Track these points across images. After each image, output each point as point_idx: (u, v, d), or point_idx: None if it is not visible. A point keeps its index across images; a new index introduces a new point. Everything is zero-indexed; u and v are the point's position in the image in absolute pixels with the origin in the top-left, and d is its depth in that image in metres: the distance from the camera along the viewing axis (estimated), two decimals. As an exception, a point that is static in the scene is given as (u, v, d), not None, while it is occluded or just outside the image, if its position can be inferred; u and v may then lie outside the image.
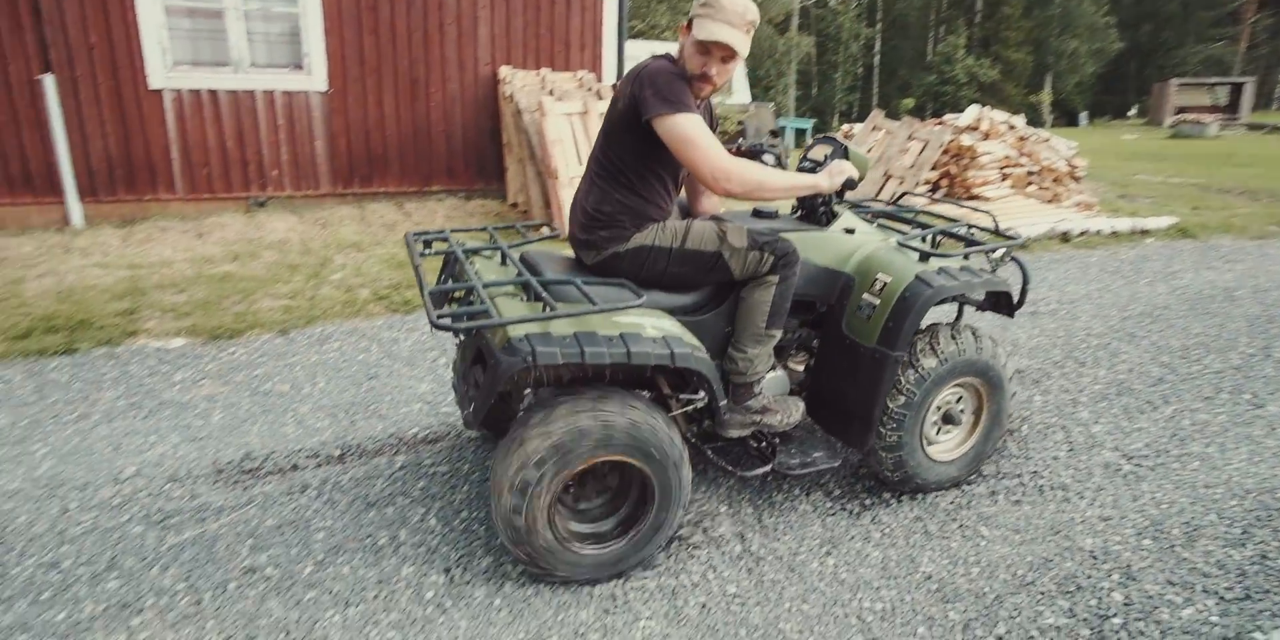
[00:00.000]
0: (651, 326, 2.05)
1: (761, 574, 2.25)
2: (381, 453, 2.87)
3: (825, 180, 2.27)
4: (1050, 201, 8.28)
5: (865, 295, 2.39)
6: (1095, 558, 2.34)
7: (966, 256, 2.57)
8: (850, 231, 2.54)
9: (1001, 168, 8.39)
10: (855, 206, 3.02)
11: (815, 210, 2.55)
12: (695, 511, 2.53)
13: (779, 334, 2.32)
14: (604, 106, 6.58)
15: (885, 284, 2.35)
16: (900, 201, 3.21)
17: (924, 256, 2.42)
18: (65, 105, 5.86)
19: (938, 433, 2.66)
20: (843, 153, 2.46)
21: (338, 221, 6.39)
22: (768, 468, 2.46)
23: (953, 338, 2.49)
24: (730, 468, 2.41)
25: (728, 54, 2.08)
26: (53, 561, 2.20)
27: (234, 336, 4.00)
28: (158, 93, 6.15)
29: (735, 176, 2.05)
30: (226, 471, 2.71)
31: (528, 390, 2.40)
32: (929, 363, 2.43)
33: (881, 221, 2.90)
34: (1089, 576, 2.25)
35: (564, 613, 2.05)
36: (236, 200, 6.60)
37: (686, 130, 2.00)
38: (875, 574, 2.26)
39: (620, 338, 1.96)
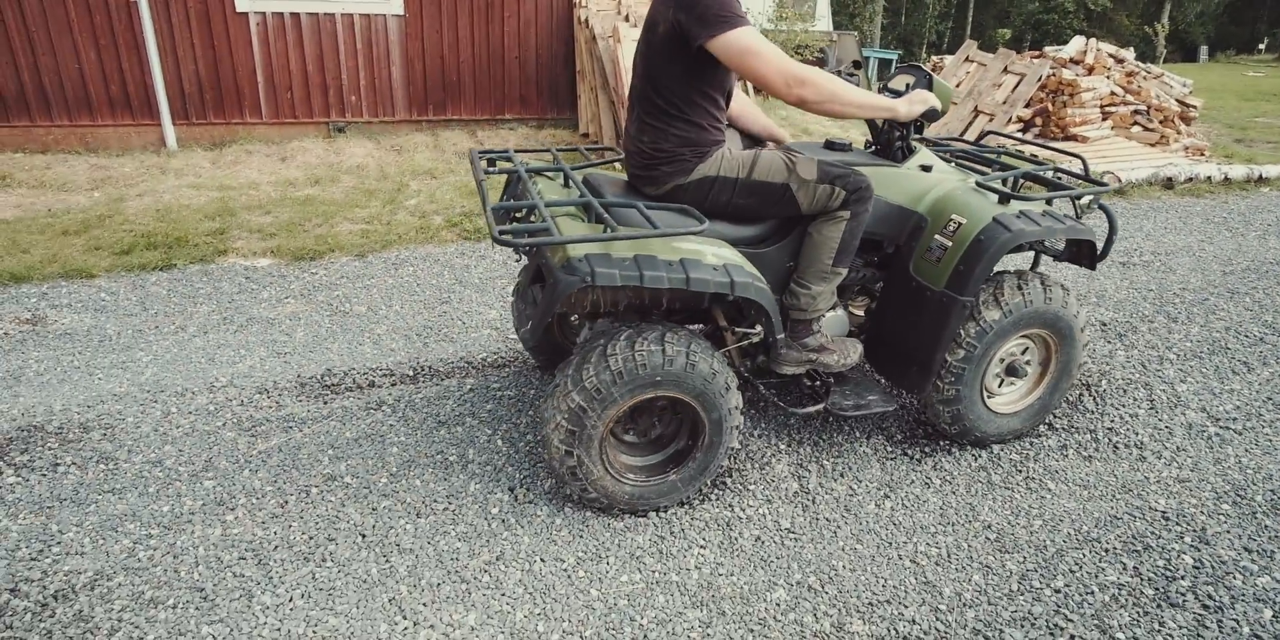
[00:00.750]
0: (713, 254, 2.02)
1: (817, 512, 2.28)
2: (452, 375, 2.98)
3: (904, 106, 2.14)
4: (1156, 144, 7.70)
5: (937, 236, 2.29)
6: (1167, 519, 2.28)
7: (1049, 201, 2.43)
8: (926, 169, 2.42)
9: (1104, 106, 7.81)
10: (935, 144, 2.87)
11: (891, 144, 2.43)
12: (754, 448, 2.56)
13: (845, 272, 2.26)
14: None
15: (960, 225, 2.25)
16: (984, 141, 3.03)
17: (1004, 199, 2.30)
18: (158, 28, 6.01)
19: (1000, 385, 2.58)
20: (926, 83, 2.32)
21: (413, 148, 6.47)
22: (820, 407, 2.45)
23: (1019, 288, 2.38)
24: (782, 404, 2.41)
25: None
26: (157, 459, 2.40)
27: (315, 258, 4.15)
28: (244, 15, 6.22)
29: (810, 82, 1.93)
30: (309, 385, 2.87)
31: (586, 325, 2.41)
32: (992, 314, 2.33)
33: (961, 161, 2.75)
34: (1159, 537, 2.20)
35: (622, 536, 2.13)
36: (317, 125, 6.72)
37: (748, 43, 1.89)
38: (933, 519, 2.26)
39: (680, 263, 1.94)
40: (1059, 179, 2.54)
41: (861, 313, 2.57)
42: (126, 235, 4.24)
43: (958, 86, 7.86)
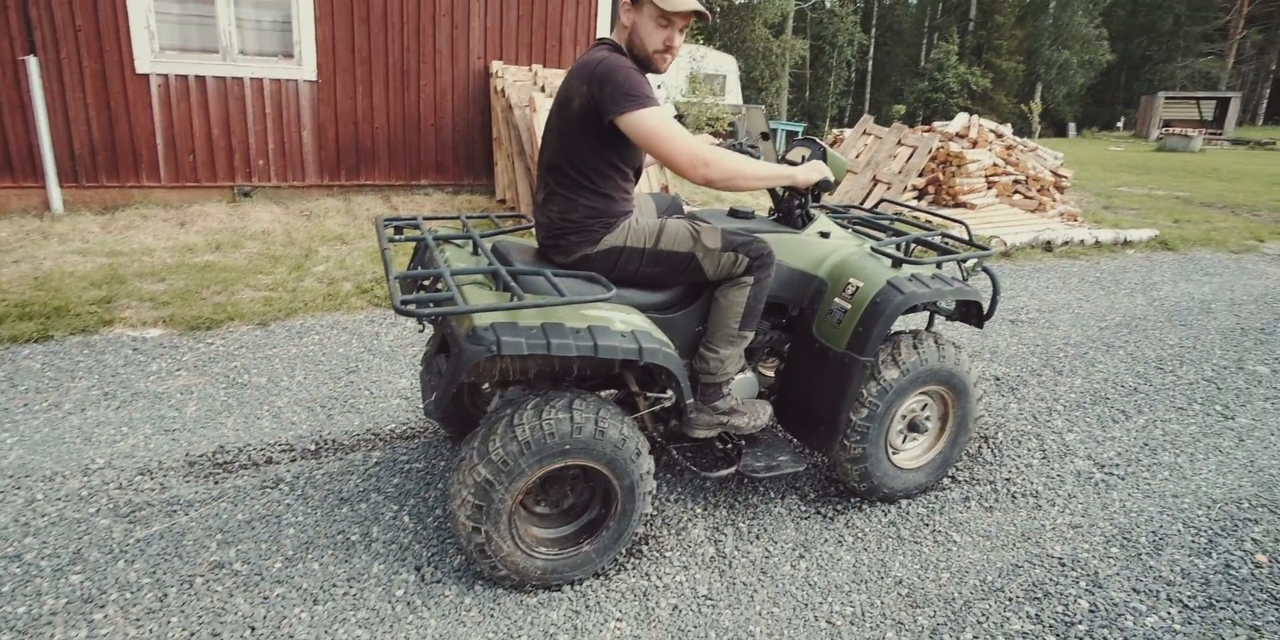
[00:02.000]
0: (620, 321, 2.04)
1: (734, 576, 2.25)
2: (357, 448, 2.86)
3: (801, 173, 2.28)
4: (1035, 211, 8.36)
5: (837, 299, 2.40)
6: (1064, 564, 2.37)
7: (939, 265, 2.59)
8: (825, 235, 2.55)
9: (988, 176, 8.45)
10: (833, 211, 3.04)
11: (791, 212, 2.56)
12: (670, 514, 2.54)
13: (751, 335, 2.32)
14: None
15: (857, 289, 2.36)
16: (879, 208, 3.23)
17: (896, 263, 2.43)
18: (49, 88, 5.78)
19: (903, 441, 2.67)
20: (821, 154, 2.48)
21: (323, 213, 6.35)
22: (732, 470, 2.47)
23: (914, 347, 2.50)
24: (695, 468, 2.42)
25: (688, 20, 2.07)
26: (15, 554, 2.17)
27: (213, 327, 3.96)
28: (144, 77, 6.07)
29: (714, 163, 2.02)
30: (199, 464, 2.68)
31: (497, 393, 2.38)
32: (891, 373, 2.43)
33: (858, 228, 2.91)
34: (1057, 583, 2.28)
35: (534, 613, 2.04)
36: (221, 189, 6.53)
37: (656, 124, 1.96)
38: (846, 578, 2.27)
39: (588, 330, 1.94)
40: (946, 244, 2.71)
41: (771, 374, 2.64)
42: None
43: (856, 157, 8.37)
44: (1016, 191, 8.59)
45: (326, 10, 6.50)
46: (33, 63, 5.65)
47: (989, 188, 8.46)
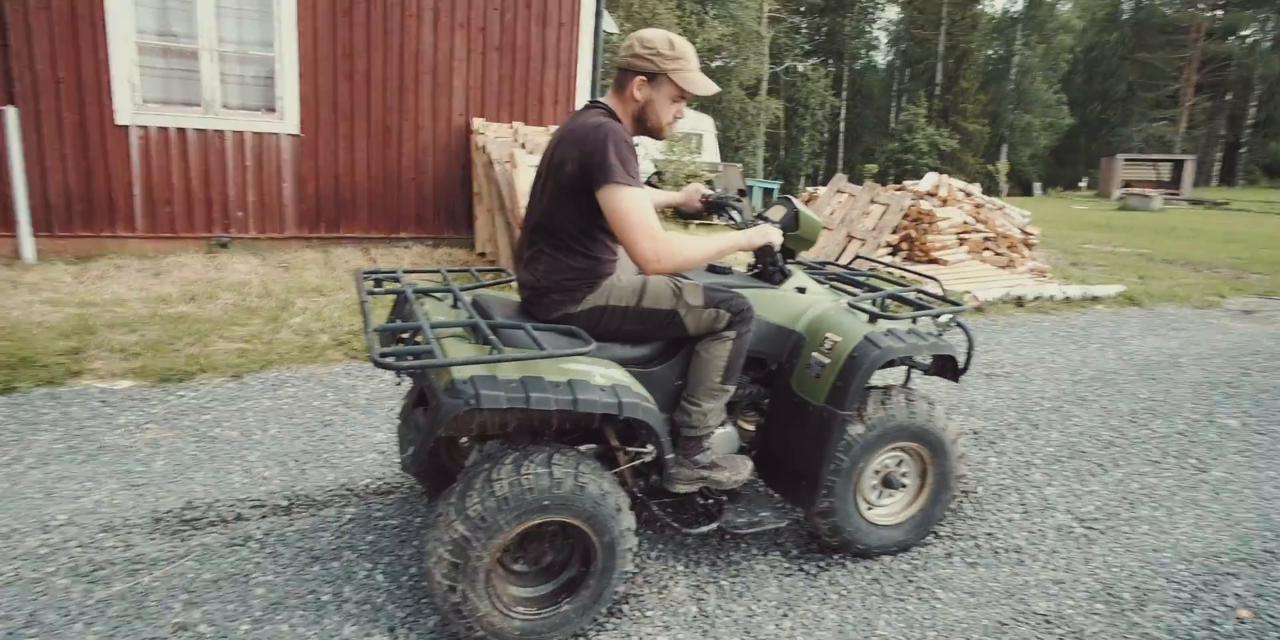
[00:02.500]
0: (600, 375, 2.04)
1: (717, 636, 2.20)
2: (331, 504, 2.78)
3: (747, 239, 2.33)
4: (1005, 267, 8.57)
5: (815, 354, 2.42)
6: (1049, 622, 2.34)
7: (914, 320, 2.63)
8: (802, 290, 2.59)
9: (959, 233, 8.68)
10: (810, 267, 3.10)
11: (767, 269, 2.60)
12: (651, 571, 2.48)
13: (733, 389, 2.32)
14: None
15: (835, 343, 2.39)
16: (854, 264, 3.32)
17: (873, 318, 2.46)
18: (26, 138, 5.79)
19: (879, 497, 2.65)
20: (794, 214, 2.55)
21: (301, 265, 6.33)
22: (714, 526, 2.43)
23: (881, 403, 2.49)
24: (675, 524, 2.38)
25: (690, 99, 2.19)
26: (-34, 616, 2.06)
27: (184, 379, 3.89)
28: (124, 129, 6.11)
29: (667, 260, 2.03)
30: (165, 521, 2.59)
31: (475, 447, 2.34)
32: (856, 429, 2.43)
33: (834, 283, 2.96)
34: (1043, 642, 2.24)
35: (512, 677, 1.97)
36: (198, 240, 6.51)
37: (631, 207, 1.99)
38: (831, 637, 2.23)
39: (567, 384, 1.94)
40: (920, 300, 2.76)
41: (751, 428, 2.63)
42: (-37, 355, 3.85)
43: (831, 214, 8.58)
44: (987, 248, 8.82)
45: (310, 67, 6.64)
46: (11, 113, 5.68)
47: (960, 244, 8.68)
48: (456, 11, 7.07)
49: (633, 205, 1.99)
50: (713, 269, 2.58)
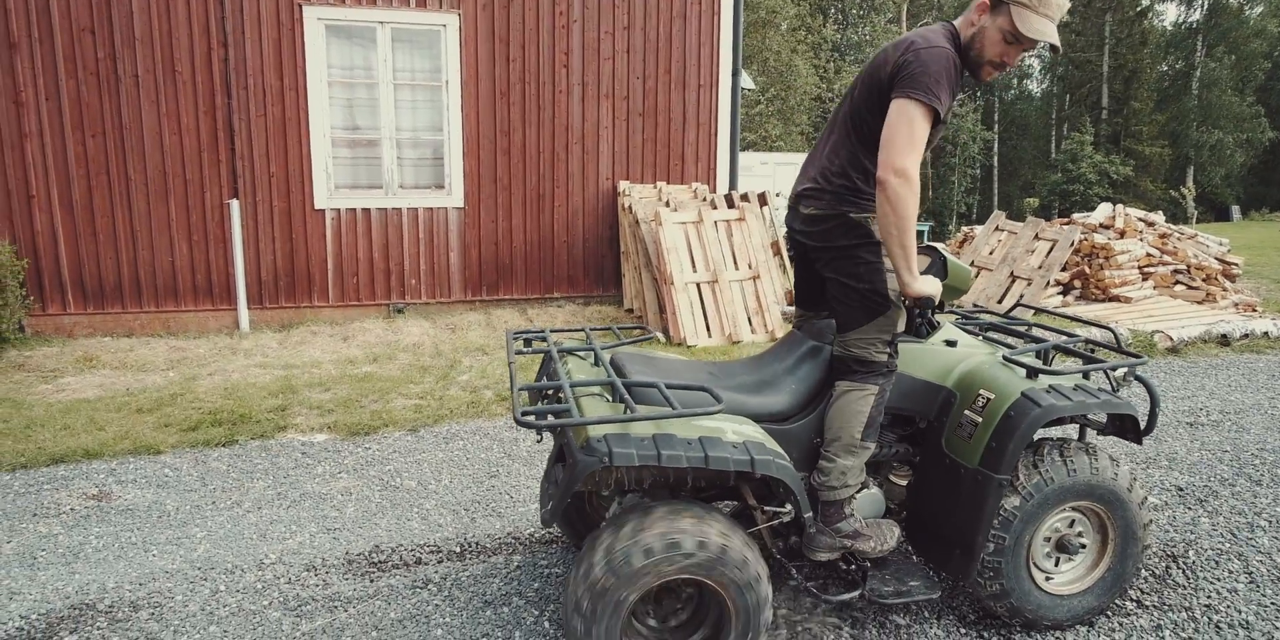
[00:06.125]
0: (733, 432, 2.02)
1: (890, 704, 2.07)
2: (499, 551, 2.92)
3: (917, 284, 2.12)
4: (1203, 302, 7.70)
5: (966, 412, 2.26)
6: (1292, 711, 2.01)
7: (1087, 375, 2.40)
8: (951, 344, 2.43)
9: (1141, 267, 7.94)
10: (964, 317, 2.93)
11: (913, 321, 2.44)
12: (815, 630, 2.39)
13: (873, 447, 2.21)
14: (719, 216, 6.85)
15: (989, 400, 2.22)
16: (1015, 312, 3.07)
17: (1031, 373, 2.27)
18: (245, 225, 6.72)
19: (1057, 564, 2.40)
20: (941, 263, 2.39)
21: (466, 326, 6.82)
22: (856, 594, 2.29)
23: (1034, 465, 2.26)
24: (815, 591, 2.27)
25: (1034, 45, 2.01)
26: (199, 643, 2.34)
27: (370, 433, 4.26)
28: (320, 212, 6.95)
29: (907, 189, 1.94)
30: (356, 562, 2.83)
31: (616, 500, 2.38)
32: (1011, 501, 2.22)
33: (988, 336, 2.74)
34: (1287, 734, 1.93)
35: (676, 732, 1.95)
36: (378, 306, 7.20)
37: (909, 121, 1.93)
38: (1021, 713, 2.03)
39: (699, 441, 1.94)
40: (1091, 351, 2.52)
41: (903, 483, 2.47)
42: (195, 412, 4.45)
43: (990, 253, 8.13)
44: (1178, 282, 7.98)
45: (473, 146, 7.28)
46: (235, 205, 6.63)
47: (1144, 279, 7.92)
48: (602, 84, 7.54)
49: (914, 116, 1.94)
50: None
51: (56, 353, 5.72)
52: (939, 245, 2.55)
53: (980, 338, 2.65)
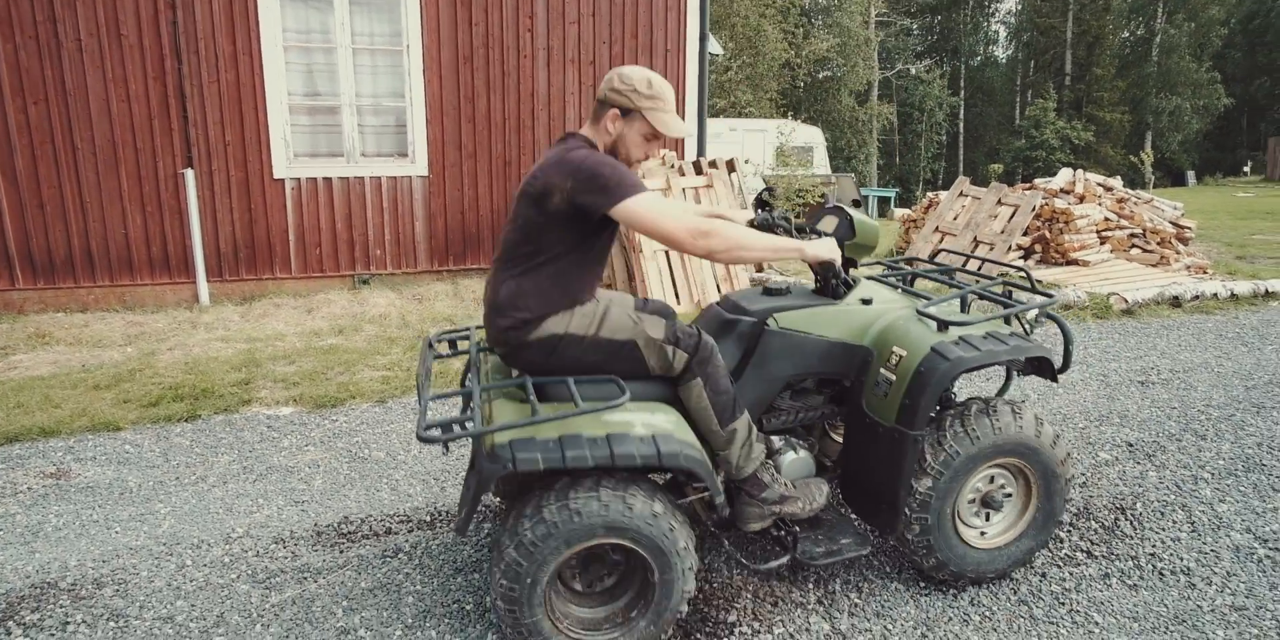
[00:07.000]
0: (642, 423, 2.00)
1: (852, 656, 2.14)
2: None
3: (810, 248, 2.17)
4: (1157, 265, 7.89)
5: (882, 370, 2.28)
6: (1229, 652, 2.13)
7: (1008, 320, 2.43)
8: (867, 302, 2.44)
9: (1100, 231, 8.09)
10: (890, 267, 2.95)
11: (828, 282, 2.46)
12: (780, 588, 2.46)
13: (741, 426, 2.19)
14: (687, 182, 6.81)
15: (901, 358, 2.23)
16: (937, 259, 3.09)
17: (942, 325, 2.28)
18: (201, 196, 6.53)
19: (987, 519, 2.46)
20: (848, 223, 2.40)
21: (433, 297, 6.74)
22: (786, 559, 2.33)
23: (986, 415, 2.30)
24: (744, 560, 2.31)
25: (663, 139, 2.14)
26: (169, 615, 2.33)
27: (336, 405, 4.23)
28: (280, 182, 6.77)
29: (714, 234, 1.97)
30: (326, 534, 2.83)
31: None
32: (955, 445, 2.26)
33: (911, 286, 2.75)
34: (1222, 673, 2.04)
35: (646, 689, 2.00)
36: (343, 278, 7.08)
37: (649, 206, 1.96)
38: (976, 660, 2.12)
39: (605, 439, 1.93)
40: (1008, 295, 2.55)
41: (843, 439, 2.51)
42: (155, 388, 4.37)
43: (954, 219, 8.22)
44: (1134, 245, 8.16)
45: (436, 112, 7.12)
46: (189, 175, 6.42)
47: (1102, 243, 8.08)
48: (567, 48, 7.39)
49: (650, 203, 1.96)
50: (769, 291, 2.48)
51: (6, 329, 5.55)
52: (844, 205, 2.51)
53: (900, 291, 2.63)
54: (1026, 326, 2.57)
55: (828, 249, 2.21)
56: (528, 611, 1.96)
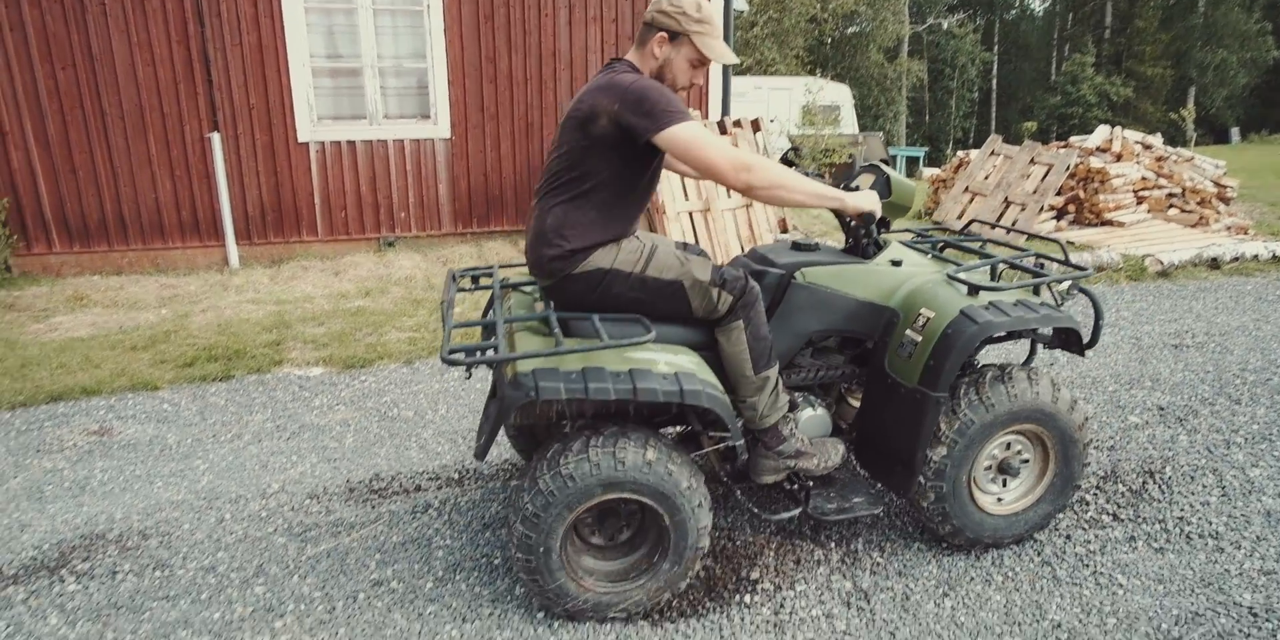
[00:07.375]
0: (665, 362, 2.01)
1: (873, 613, 2.18)
2: (496, 477, 3.00)
3: (851, 199, 2.15)
4: (1196, 226, 7.68)
5: (908, 332, 2.25)
6: (1255, 615, 2.13)
7: (1036, 290, 2.39)
8: (897, 264, 2.41)
9: (1136, 191, 7.87)
10: (919, 235, 2.90)
11: (859, 241, 2.44)
12: (802, 546, 2.49)
13: (773, 374, 2.18)
14: (711, 142, 6.69)
15: (928, 319, 2.21)
16: (970, 230, 3.05)
17: (973, 290, 2.25)
18: (228, 160, 6.56)
19: (1005, 485, 2.46)
20: (885, 181, 2.36)
21: (458, 259, 6.78)
22: (796, 512, 2.35)
23: (1001, 382, 2.28)
24: (756, 510, 2.33)
25: (709, 63, 2.11)
26: (210, 565, 2.43)
27: (365, 366, 4.30)
28: (304, 145, 6.77)
29: (756, 169, 1.96)
30: (358, 490, 2.91)
31: (565, 425, 2.38)
32: (970, 413, 2.24)
33: (941, 254, 2.72)
34: (1248, 636, 2.04)
35: (671, 637, 2.06)
36: (369, 240, 7.12)
37: (695, 133, 1.93)
38: (997, 619, 2.14)
39: (628, 374, 1.94)
40: (1040, 266, 2.50)
41: (859, 404, 2.51)
42: (190, 349, 4.47)
43: (985, 178, 8.03)
44: (1172, 206, 7.93)
45: (458, 74, 7.04)
46: (216, 139, 6.45)
47: (1139, 203, 7.86)
48: (589, 6, 7.23)
49: (696, 132, 1.94)
50: (797, 246, 2.45)
51: (46, 292, 5.69)
52: (882, 164, 2.49)
53: (930, 257, 2.62)
54: (1057, 298, 2.52)
55: (870, 200, 2.20)
56: (549, 577, 2.01)
